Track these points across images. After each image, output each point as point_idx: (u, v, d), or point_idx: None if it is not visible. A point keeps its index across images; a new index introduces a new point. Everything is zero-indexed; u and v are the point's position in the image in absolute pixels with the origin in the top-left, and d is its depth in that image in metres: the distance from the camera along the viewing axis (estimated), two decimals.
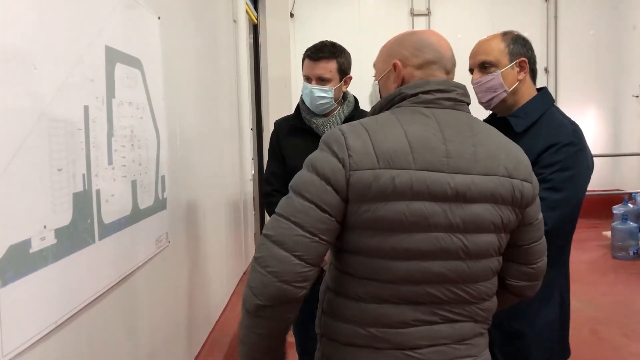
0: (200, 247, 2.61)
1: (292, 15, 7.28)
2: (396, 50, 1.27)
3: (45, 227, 1.10)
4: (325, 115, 2.17)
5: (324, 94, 2.11)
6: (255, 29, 4.64)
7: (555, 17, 7.73)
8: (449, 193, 1.12)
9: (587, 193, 1.67)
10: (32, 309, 1.07)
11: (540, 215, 1.29)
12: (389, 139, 1.12)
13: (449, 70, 1.27)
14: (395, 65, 1.25)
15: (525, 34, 1.79)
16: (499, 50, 1.73)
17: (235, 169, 3.67)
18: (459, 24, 7.63)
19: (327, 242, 1.14)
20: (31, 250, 1.05)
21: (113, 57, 1.47)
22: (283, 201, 1.16)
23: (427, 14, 7.92)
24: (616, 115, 7.76)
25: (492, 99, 1.74)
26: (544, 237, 1.32)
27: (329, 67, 2.10)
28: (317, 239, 1.11)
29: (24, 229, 1.03)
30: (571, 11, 7.79)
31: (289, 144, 2.20)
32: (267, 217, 3.52)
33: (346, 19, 7.83)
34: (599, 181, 7.07)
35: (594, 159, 1.74)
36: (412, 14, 7.93)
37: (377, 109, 1.27)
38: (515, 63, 1.72)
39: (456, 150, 1.15)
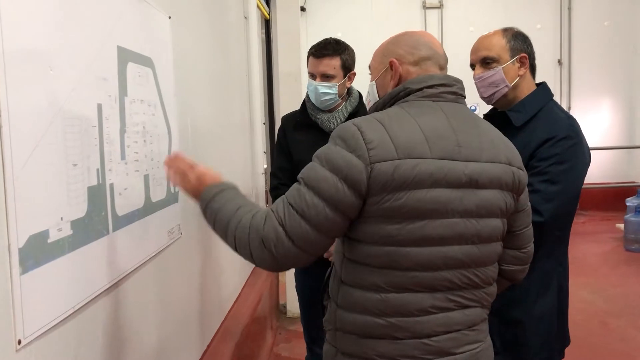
0: (212, 239, 2.67)
1: (303, 9, 7.29)
2: (391, 50, 1.33)
3: (62, 218, 1.17)
4: (330, 110, 2.22)
5: (328, 90, 2.16)
6: (267, 24, 4.67)
7: (569, 8, 7.64)
8: (464, 180, 1.17)
9: (601, 185, 1.73)
10: (50, 295, 1.13)
11: (529, 203, 1.36)
12: (404, 131, 1.16)
13: (443, 66, 1.32)
14: (392, 63, 1.30)
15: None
16: (500, 46, 1.76)
17: (246, 163, 3.72)
18: (471, 17, 7.59)
19: (334, 237, 1.18)
20: (49, 240, 1.12)
21: (125, 56, 1.53)
22: (294, 191, 1.18)
23: (440, 6, 7.88)
24: (631, 107, 7.66)
25: (494, 93, 1.78)
26: (531, 224, 1.38)
27: (333, 64, 2.15)
28: (323, 236, 1.15)
29: (42, 220, 1.09)
30: (585, 2, 7.69)
31: (296, 139, 2.26)
32: None
33: (358, 12, 7.82)
34: (613, 173, 6.99)
35: (608, 151, 1.79)
36: (425, 7, 7.90)
37: (380, 106, 1.30)
38: (516, 59, 1.76)
39: (465, 140, 1.20)
